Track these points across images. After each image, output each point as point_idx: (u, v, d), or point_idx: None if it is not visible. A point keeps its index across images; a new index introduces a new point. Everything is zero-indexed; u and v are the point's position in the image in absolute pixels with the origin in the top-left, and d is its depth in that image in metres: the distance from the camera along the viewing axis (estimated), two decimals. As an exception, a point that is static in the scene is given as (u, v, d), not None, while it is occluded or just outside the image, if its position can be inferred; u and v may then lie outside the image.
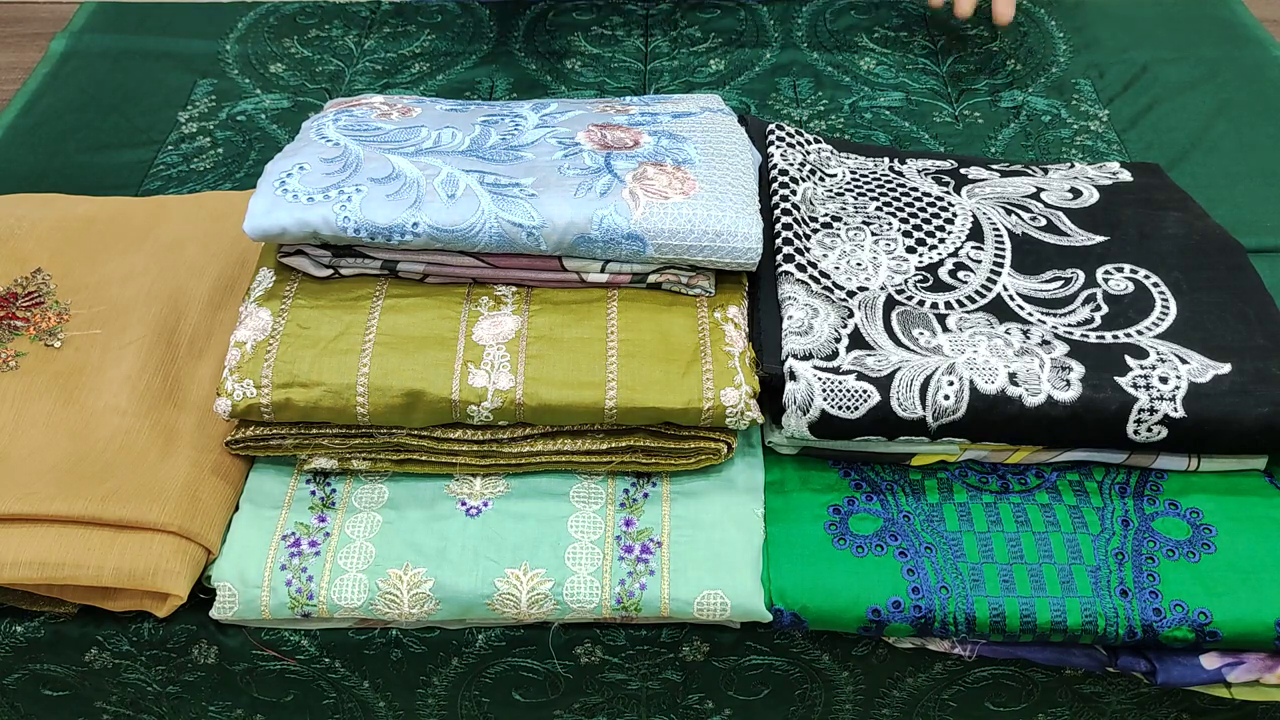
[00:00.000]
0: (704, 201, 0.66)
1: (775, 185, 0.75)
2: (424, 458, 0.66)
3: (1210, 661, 0.62)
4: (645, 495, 0.66)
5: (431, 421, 0.64)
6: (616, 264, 0.67)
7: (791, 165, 0.78)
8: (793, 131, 0.81)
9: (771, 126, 0.81)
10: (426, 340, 0.65)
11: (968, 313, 0.67)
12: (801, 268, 0.69)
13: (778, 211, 0.73)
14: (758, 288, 0.70)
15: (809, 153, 0.80)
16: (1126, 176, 0.80)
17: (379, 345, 0.64)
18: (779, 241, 0.71)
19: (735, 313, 0.68)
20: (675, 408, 0.63)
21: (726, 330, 0.66)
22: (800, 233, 0.72)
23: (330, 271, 0.68)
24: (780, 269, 0.69)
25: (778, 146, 0.79)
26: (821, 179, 0.78)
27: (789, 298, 0.67)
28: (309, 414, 0.63)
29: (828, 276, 0.69)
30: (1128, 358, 0.64)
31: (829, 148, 0.82)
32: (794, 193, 0.75)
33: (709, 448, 0.65)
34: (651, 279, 0.68)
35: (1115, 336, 0.66)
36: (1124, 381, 0.63)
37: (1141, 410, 0.62)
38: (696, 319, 0.67)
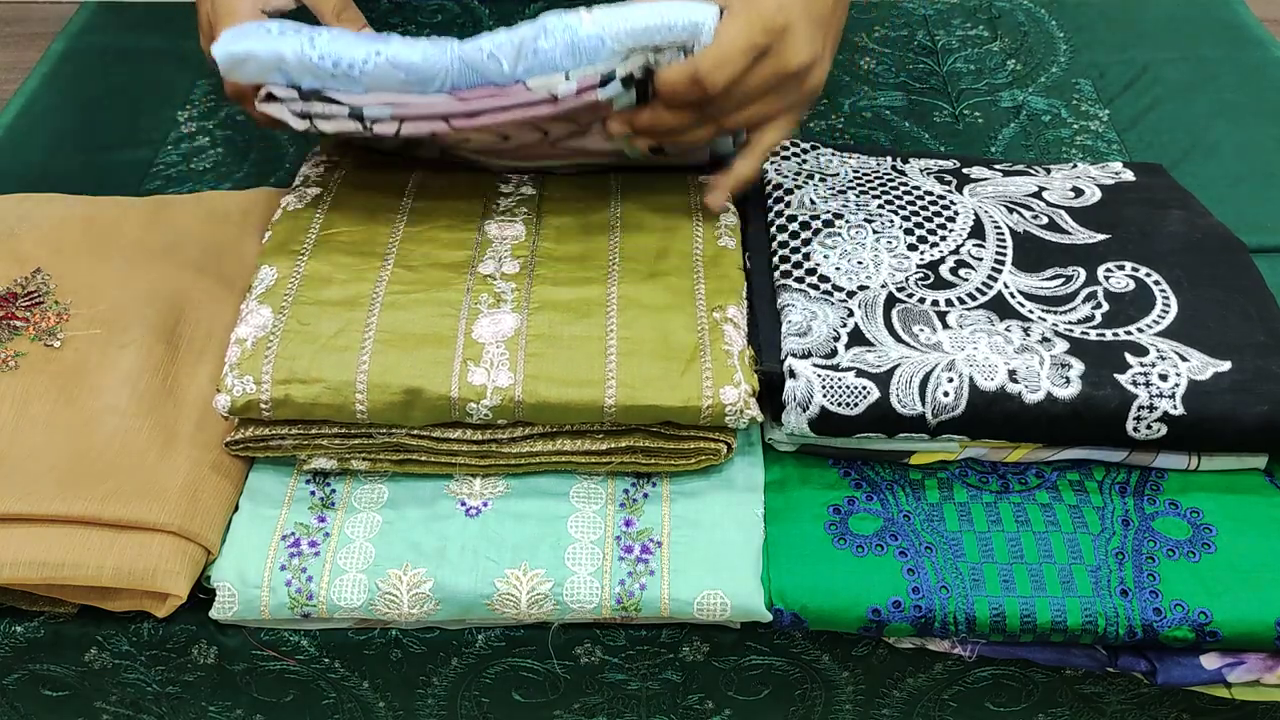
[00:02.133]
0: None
1: (770, 201, 0.76)
2: (424, 458, 0.66)
3: (1210, 661, 0.62)
4: (645, 495, 0.66)
5: (430, 420, 0.64)
6: (578, 69, 0.65)
7: (786, 177, 0.78)
8: (788, 141, 0.82)
9: None
10: (426, 338, 0.65)
11: (968, 310, 0.67)
12: (800, 279, 0.69)
13: (774, 230, 0.74)
14: (754, 295, 0.70)
15: (805, 160, 0.81)
16: (1129, 176, 0.80)
17: (378, 342, 0.64)
18: (776, 260, 0.72)
19: (734, 313, 0.67)
20: (674, 406, 0.62)
21: (725, 330, 0.66)
22: (795, 246, 0.72)
23: (306, 124, 0.67)
24: (779, 282, 0.70)
25: (771, 160, 0.80)
26: (822, 179, 0.78)
27: (788, 304, 0.68)
28: (308, 411, 0.63)
29: (828, 280, 0.69)
30: (1128, 355, 0.64)
31: (830, 150, 0.82)
32: (789, 205, 0.75)
33: (709, 448, 0.65)
34: (622, 73, 0.65)
35: (1116, 334, 0.66)
36: (1123, 378, 0.63)
37: (1141, 407, 0.62)
38: (695, 318, 0.67)
